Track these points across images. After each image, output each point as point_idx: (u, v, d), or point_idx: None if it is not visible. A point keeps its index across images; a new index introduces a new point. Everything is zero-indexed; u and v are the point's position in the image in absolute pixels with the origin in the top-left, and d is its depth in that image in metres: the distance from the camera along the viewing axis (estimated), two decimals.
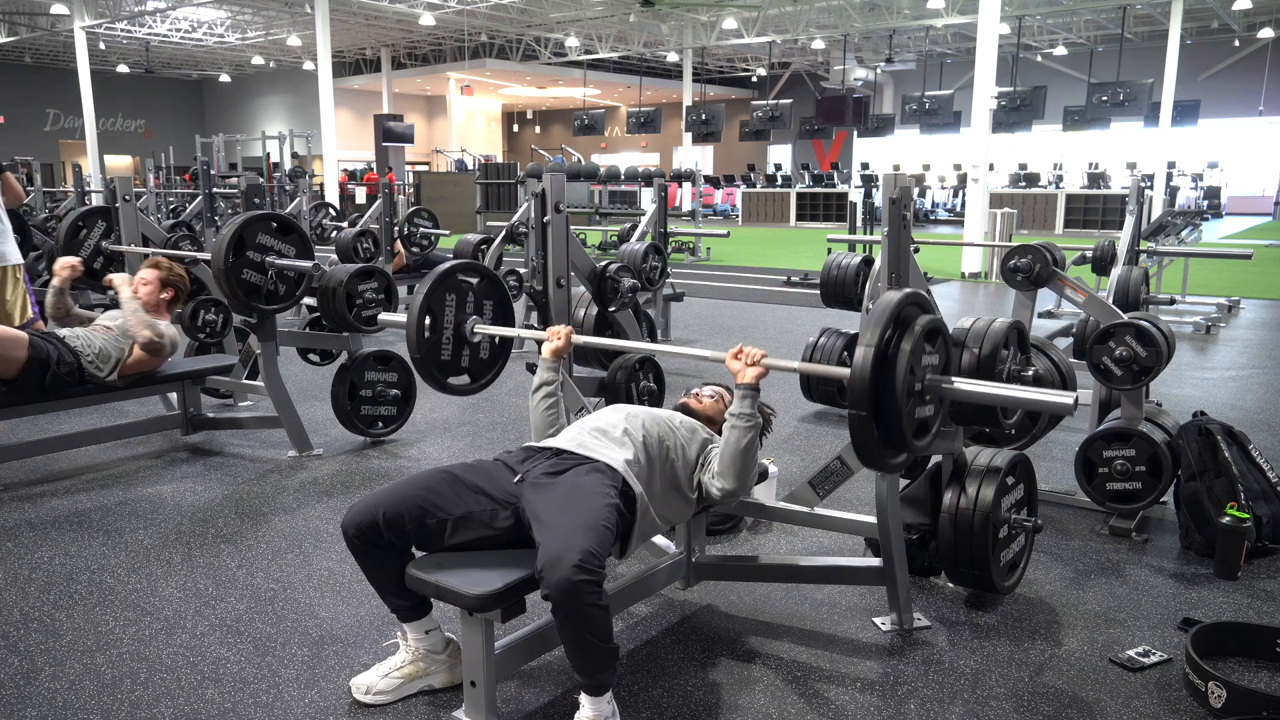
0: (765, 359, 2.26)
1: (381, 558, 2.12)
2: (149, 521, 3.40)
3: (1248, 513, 2.98)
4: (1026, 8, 18.18)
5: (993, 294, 9.77)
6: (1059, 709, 2.20)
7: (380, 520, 2.06)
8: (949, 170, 23.53)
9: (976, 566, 2.63)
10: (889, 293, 2.14)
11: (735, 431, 2.28)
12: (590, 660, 1.93)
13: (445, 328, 2.78)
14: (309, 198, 10.08)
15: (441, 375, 2.81)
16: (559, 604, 1.85)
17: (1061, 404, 2.09)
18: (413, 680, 2.23)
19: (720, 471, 2.33)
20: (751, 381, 2.26)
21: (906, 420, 2.07)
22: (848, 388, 2.03)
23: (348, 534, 2.10)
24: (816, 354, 4.82)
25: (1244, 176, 24.74)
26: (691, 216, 17.65)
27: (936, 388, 2.19)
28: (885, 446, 2.11)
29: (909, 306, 2.14)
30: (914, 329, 2.08)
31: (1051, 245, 3.90)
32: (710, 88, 29.22)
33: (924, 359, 2.15)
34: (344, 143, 23.44)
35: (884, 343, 2.04)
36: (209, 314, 5.01)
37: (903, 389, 2.03)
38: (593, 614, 1.87)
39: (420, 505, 2.09)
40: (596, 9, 20.02)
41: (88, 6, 18.89)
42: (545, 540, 1.93)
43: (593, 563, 1.86)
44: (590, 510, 2.02)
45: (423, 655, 2.24)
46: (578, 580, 1.83)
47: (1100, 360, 3.22)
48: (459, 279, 2.81)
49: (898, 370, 2.03)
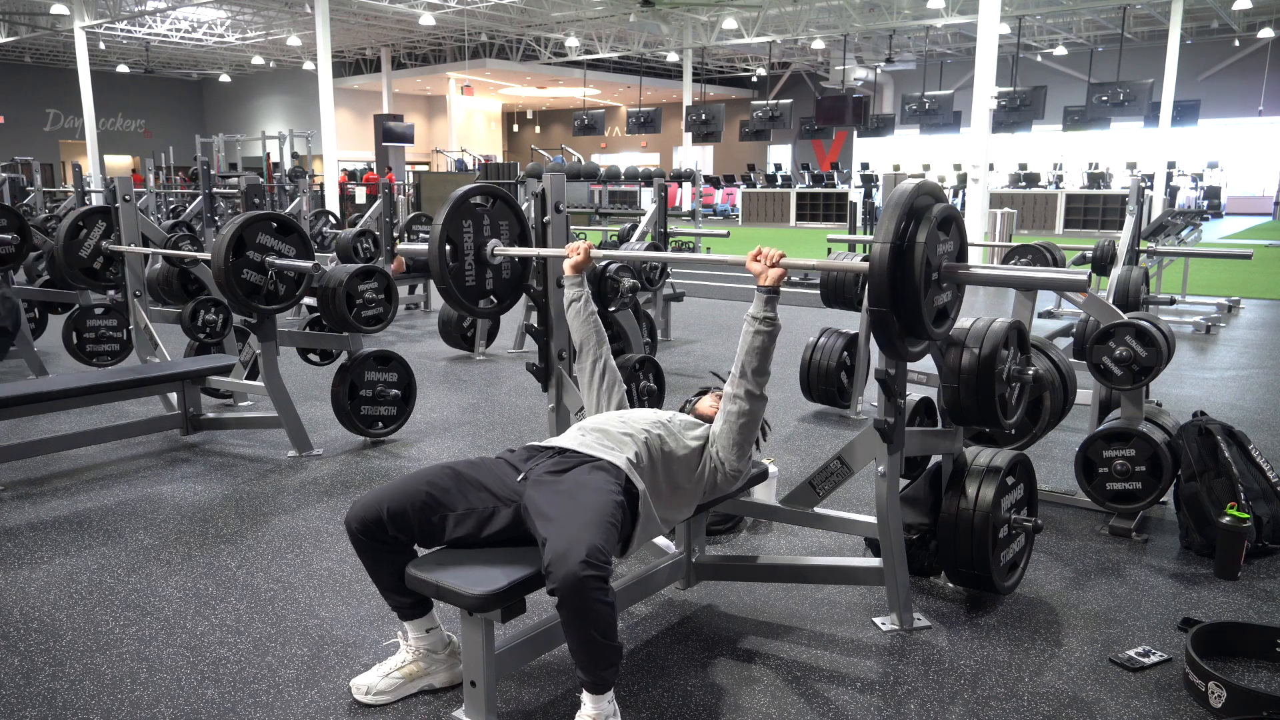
0: (784, 259, 2.28)
1: (384, 553, 2.12)
2: (149, 521, 3.40)
3: (1248, 513, 2.98)
4: (1026, 8, 18.18)
5: (993, 294, 9.77)
6: (1059, 709, 2.20)
7: (384, 515, 2.06)
8: (949, 170, 23.48)
9: (976, 566, 2.63)
10: (903, 183, 2.21)
11: (756, 336, 2.28)
12: (594, 657, 1.93)
13: (466, 254, 2.83)
14: (309, 199, 10.09)
15: (469, 300, 2.87)
16: (566, 600, 1.85)
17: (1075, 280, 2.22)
18: (413, 680, 2.23)
19: (734, 379, 2.31)
20: (773, 283, 2.28)
21: (926, 309, 2.15)
22: (867, 283, 2.11)
23: (351, 529, 2.10)
24: (816, 353, 4.83)
25: (1244, 176, 24.72)
26: (691, 216, 17.64)
27: (953, 273, 2.26)
28: (907, 337, 2.20)
29: (922, 196, 2.21)
30: (929, 217, 2.15)
31: (1051, 245, 3.91)
32: (710, 88, 29.22)
33: (939, 247, 2.22)
34: (344, 143, 23.43)
35: (900, 235, 2.10)
36: (209, 314, 5.02)
37: (920, 279, 2.11)
38: (599, 610, 1.86)
39: (424, 500, 2.10)
40: (596, 9, 20.02)
41: (88, 6, 18.88)
42: (551, 536, 1.93)
43: (599, 558, 1.86)
44: (596, 507, 2.01)
45: (423, 654, 2.24)
46: (585, 576, 1.83)
47: (1100, 360, 3.22)
48: (472, 203, 2.86)
49: (915, 261, 2.09)
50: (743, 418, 2.34)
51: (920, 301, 2.11)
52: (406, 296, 8.95)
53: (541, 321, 3.04)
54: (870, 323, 2.16)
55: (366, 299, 4.18)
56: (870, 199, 13.53)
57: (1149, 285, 4.51)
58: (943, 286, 2.25)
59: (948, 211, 2.22)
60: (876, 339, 2.19)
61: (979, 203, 11.79)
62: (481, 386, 5.71)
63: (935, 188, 2.26)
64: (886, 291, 2.09)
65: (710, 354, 6.76)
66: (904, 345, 2.21)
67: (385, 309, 4.28)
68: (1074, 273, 2.23)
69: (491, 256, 2.87)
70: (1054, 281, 2.29)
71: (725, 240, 15.86)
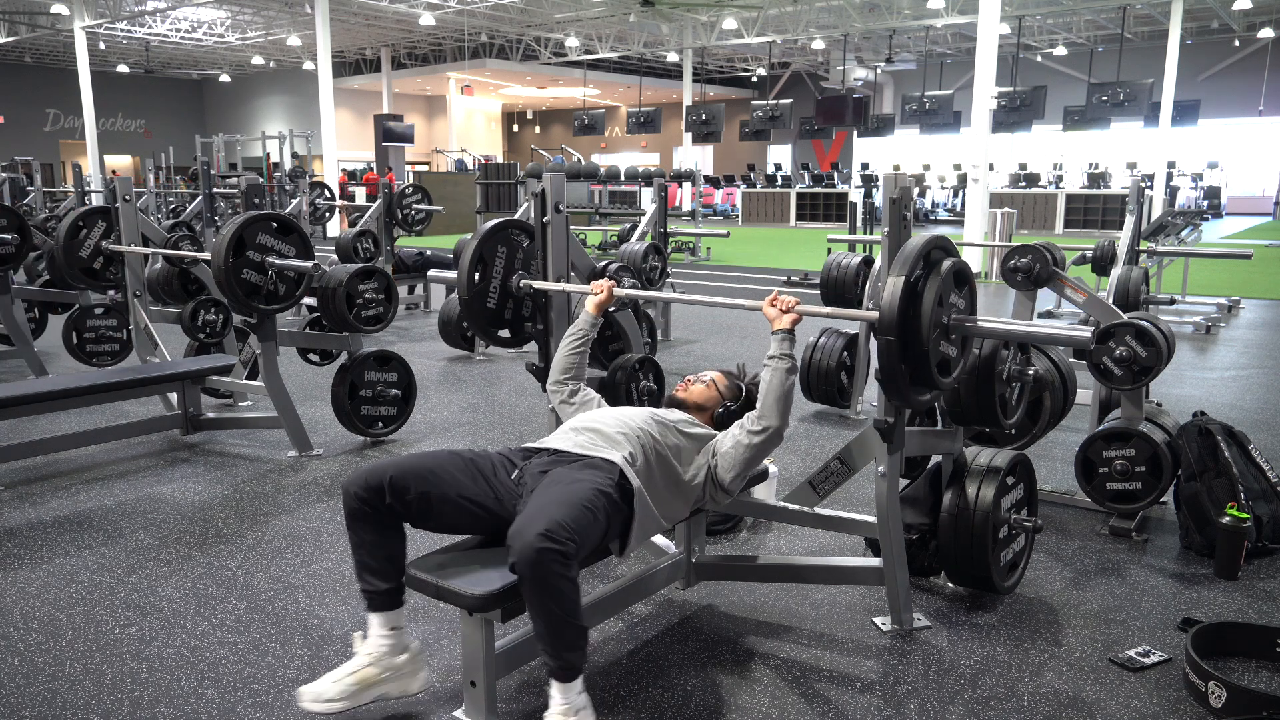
0: (799, 305, 2.42)
1: (373, 526, 2.10)
2: (149, 521, 3.40)
3: (1248, 513, 2.98)
4: (1026, 8, 18.18)
5: (993, 294, 9.77)
6: (1059, 709, 2.20)
7: (386, 483, 2.06)
8: (949, 170, 23.53)
9: (976, 566, 2.63)
10: (914, 236, 2.30)
11: (776, 374, 2.38)
12: (558, 637, 1.90)
13: (494, 277, 2.93)
14: (309, 200, 10.08)
15: (485, 323, 2.96)
16: (523, 573, 1.84)
17: (1080, 338, 2.34)
18: (368, 686, 2.09)
19: (761, 414, 2.39)
20: (788, 326, 2.41)
21: (933, 353, 2.20)
22: (878, 317, 2.18)
23: (349, 492, 2.08)
24: (816, 353, 4.83)
25: (1244, 176, 24.73)
26: (691, 216, 17.65)
27: (962, 326, 2.34)
28: (913, 384, 2.26)
29: (935, 250, 2.29)
30: (940, 269, 2.25)
31: (1051, 245, 3.90)
32: (710, 88, 29.21)
33: (952, 298, 2.31)
34: (344, 143, 23.41)
35: (913, 277, 2.19)
36: (209, 314, 5.02)
37: (930, 321, 2.17)
38: (559, 585, 1.85)
39: (427, 477, 2.10)
40: (596, 9, 20.01)
41: (88, 6, 18.88)
42: (519, 516, 1.96)
43: (560, 534, 1.85)
44: (571, 492, 2.03)
45: (381, 657, 2.12)
46: (541, 548, 1.81)
47: (1100, 360, 3.22)
48: (512, 233, 2.95)
49: (925, 303, 2.18)
50: (758, 448, 2.39)
51: (928, 342, 2.19)
52: (406, 296, 8.95)
53: (542, 322, 3.04)
54: (878, 354, 2.23)
55: (366, 299, 4.18)
56: (870, 199, 13.52)
57: (1149, 285, 4.50)
58: (950, 337, 2.33)
59: (960, 266, 2.32)
60: (883, 387, 2.28)
61: (979, 203, 11.78)
62: (481, 386, 5.71)
63: (948, 242, 2.36)
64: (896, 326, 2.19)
65: (710, 354, 6.76)
66: (909, 390, 2.27)
67: (385, 309, 4.28)
68: (1080, 330, 2.37)
69: (516, 288, 2.97)
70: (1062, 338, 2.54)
71: (725, 240, 15.99)
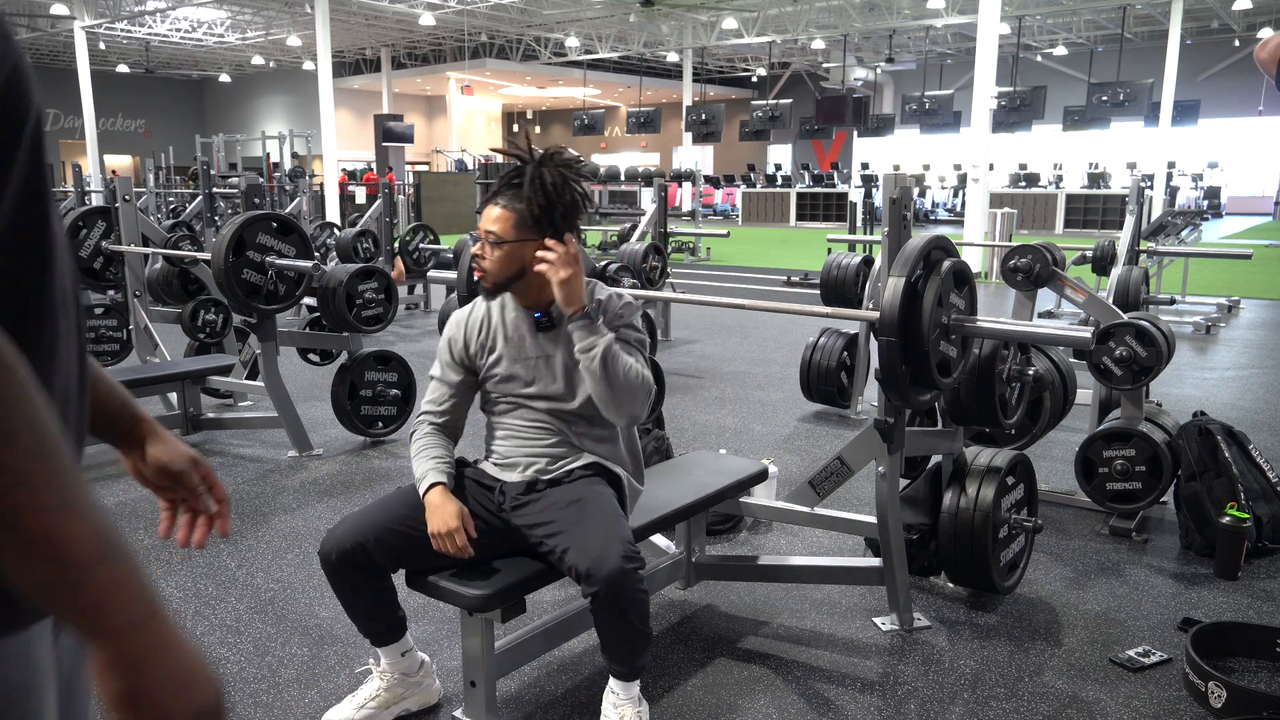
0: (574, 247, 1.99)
1: (361, 580, 2.01)
2: (149, 521, 3.40)
3: (1248, 513, 2.98)
4: (1026, 8, 18.17)
5: (993, 294, 9.77)
6: (1059, 709, 2.20)
7: (369, 542, 1.96)
8: (949, 170, 23.52)
9: (976, 566, 2.63)
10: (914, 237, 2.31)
11: (587, 373, 1.98)
12: (634, 646, 1.97)
13: None
14: (309, 200, 10.08)
15: None
16: (610, 597, 1.86)
17: (1080, 338, 2.35)
18: (388, 708, 2.13)
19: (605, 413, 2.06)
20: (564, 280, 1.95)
21: (933, 353, 2.21)
22: (879, 317, 2.18)
23: (330, 560, 1.97)
24: (816, 354, 4.83)
25: (1244, 176, 24.72)
26: (691, 216, 17.66)
27: (962, 326, 2.35)
28: (913, 384, 2.27)
29: (935, 250, 2.30)
30: (940, 270, 2.26)
31: (1051, 245, 3.91)
32: (710, 88, 29.21)
33: (952, 298, 2.33)
34: (344, 143, 23.42)
35: (913, 277, 2.20)
36: (209, 314, 5.02)
37: (930, 321, 2.18)
38: (640, 598, 1.91)
39: (405, 521, 2.00)
40: (596, 9, 20.02)
41: (88, 6, 18.88)
42: (576, 543, 1.91)
43: (633, 550, 1.91)
44: (605, 507, 2.02)
45: (397, 680, 2.14)
46: (628, 569, 1.87)
47: (1100, 360, 3.22)
48: None
49: (925, 303, 2.19)
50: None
51: (928, 340, 2.20)
52: (406, 296, 8.95)
53: None
54: (879, 354, 2.24)
55: (366, 299, 4.18)
56: (870, 199, 13.52)
57: (1149, 285, 4.51)
58: (951, 337, 2.33)
59: (960, 266, 2.33)
60: (884, 387, 2.28)
61: (979, 203, 11.78)
62: None
63: (948, 243, 2.36)
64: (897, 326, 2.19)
65: (710, 354, 6.75)
66: (909, 390, 2.27)
67: (385, 309, 4.28)
68: (1080, 330, 2.38)
69: None
70: (1062, 339, 2.57)
71: (725, 240, 16.00)
